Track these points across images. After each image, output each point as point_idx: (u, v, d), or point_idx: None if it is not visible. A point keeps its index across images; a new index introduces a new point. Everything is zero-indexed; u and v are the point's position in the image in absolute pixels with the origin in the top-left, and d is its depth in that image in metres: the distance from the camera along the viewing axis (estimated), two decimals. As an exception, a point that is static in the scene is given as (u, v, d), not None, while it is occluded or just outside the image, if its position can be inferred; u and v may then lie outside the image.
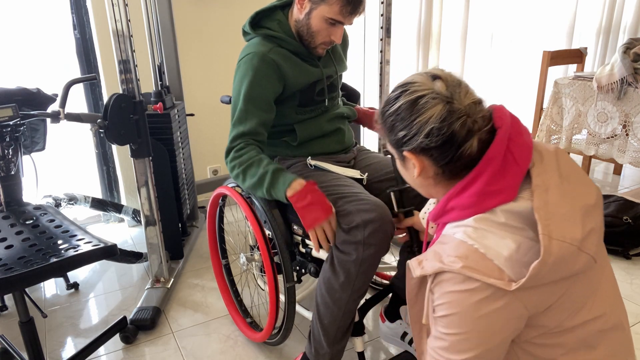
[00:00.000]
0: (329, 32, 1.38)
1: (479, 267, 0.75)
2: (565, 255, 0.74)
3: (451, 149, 0.81)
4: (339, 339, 1.33)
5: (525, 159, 0.81)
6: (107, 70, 2.47)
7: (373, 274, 1.28)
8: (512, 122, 0.83)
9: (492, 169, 0.80)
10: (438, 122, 0.79)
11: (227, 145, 1.40)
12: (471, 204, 0.81)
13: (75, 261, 1.29)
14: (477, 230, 0.78)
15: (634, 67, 2.31)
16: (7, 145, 1.60)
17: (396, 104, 0.84)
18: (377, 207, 1.22)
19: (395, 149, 0.89)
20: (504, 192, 0.79)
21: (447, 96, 0.80)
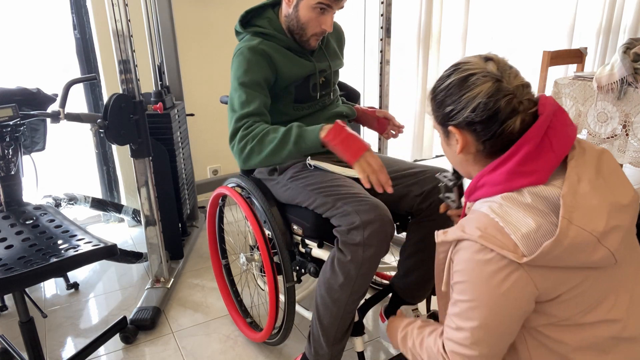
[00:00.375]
0: (319, 21, 1.39)
1: (495, 239, 0.79)
2: (582, 242, 0.76)
3: (494, 125, 0.85)
4: (338, 339, 1.33)
5: (562, 147, 0.83)
6: (107, 70, 2.47)
7: (373, 275, 1.28)
8: (555, 111, 0.86)
9: (526, 150, 0.83)
10: (485, 98, 0.84)
11: (231, 128, 1.34)
12: (501, 181, 0.84)
13: (75, 261, 1.29)
14: (502, 206, 0.82)
15: (634, 67, 2.31)
16: (7, 145, 1.60)
17: (448, 81, 0.89)
18: (376, 208, 1.22)
19: (441, 125, 0.93)
20: (535, 174, 0.82)
21: (497, 75, 0.85)
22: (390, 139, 1.76)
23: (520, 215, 0.79)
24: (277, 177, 1.51)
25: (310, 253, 1.42)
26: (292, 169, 1.49)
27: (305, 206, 1.39)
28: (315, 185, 1.38)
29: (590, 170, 0.82)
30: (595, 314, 0.81)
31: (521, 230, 0.78)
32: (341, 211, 1.26)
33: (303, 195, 1.39)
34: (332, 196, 1.31)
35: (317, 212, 1.35)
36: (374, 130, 1.77)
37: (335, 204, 1.28)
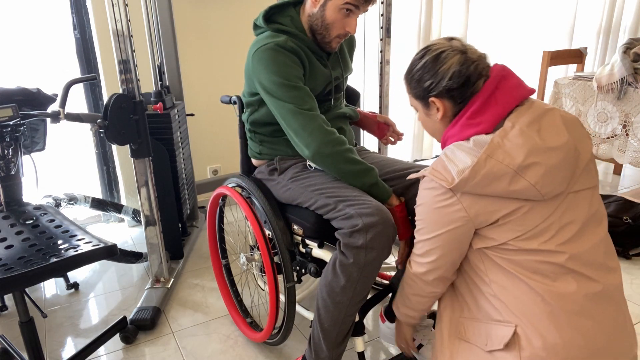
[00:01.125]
0: (343, 23, 1.38)
1: (439, 173, 1.00)
2: (498, 172, 0.94)
3: (468, 88, 1.04)
4: (339, 342, 1.33)
5: (507, 102, 1.01)
6: (107, 70, 2.47)
7: (375, 278, 1.27)
8: (506, 77, 1.04)
9: (474, 107, 1.03)
10: (458, 67, 1.03)
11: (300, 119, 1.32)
12: (456, 133, 1.05)
13: (75, 261, 1.29)
14: (452, 150, 1.02)
15: (634, 67, 2.31)
16: (7, 145, 1.60)
17: (422, 61, 1.07)
18: (378, 211, 1.22)
19: (421, 99, 1.11)
20: (481, 124, 1.01)
21: (462, 49, 1.05)
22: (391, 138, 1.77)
23: (462, 155, 0.98)
24: (278, 177, 1.50)
25: (310, 253, 1.42)
26: (293, 169, 1.48)
27: (306, 207, 1.39)
28: (316, 186, 1.37)
29: (525, 119, 0.98)
30: (532, 242, 0.97)
31: (459, 166, 0.97)
32: (343, 214, 1.26)
33: (304, 196, 1.39)
34: (333, 198, 1.31)
35: (317, 213, 1.35)
36: (373, 135, 1.78)
37: (337, 206, 1.28)
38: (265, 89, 1.36)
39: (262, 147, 1.55)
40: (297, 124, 1.33)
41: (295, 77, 1.35)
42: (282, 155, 1.52)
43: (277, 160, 1.52)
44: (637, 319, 1.80)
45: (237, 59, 2.83)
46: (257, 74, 1.37)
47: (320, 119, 1.33)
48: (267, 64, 1.34)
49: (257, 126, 1.53)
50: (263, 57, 1.35)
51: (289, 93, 1.33)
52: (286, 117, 1.34)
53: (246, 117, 1.55)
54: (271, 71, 1.33)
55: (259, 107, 1.48)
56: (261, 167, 1.58)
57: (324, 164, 1.34)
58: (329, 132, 1.33)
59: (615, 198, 2.40)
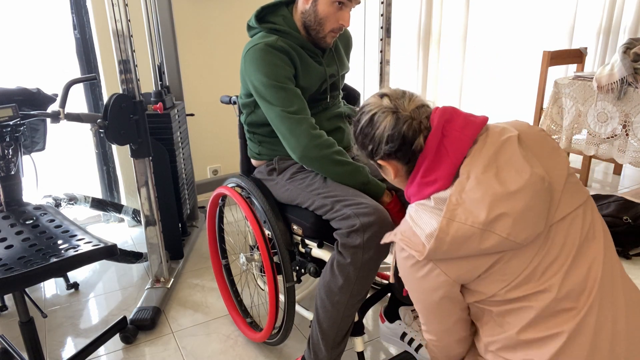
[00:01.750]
0: (336, 17, 1.40)
1: (409, 240, 0.94)
2: (465, 235, 0.87)
3: (407, 148, 0.98)
4: (337, 343, 1.33)
5: (458, 152, 0.94)
6: (107, 70, 2.47)
7: (373, 278, 1.27)
8: (448, 120, 0.96)
9: (425, 165, 0.96)
10: (390, 130, 0.98)
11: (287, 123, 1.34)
12: (415, 192, 0.99)
13: (75, 261, 1.29)
14: (416, 212, 0.96)
15: (634, 67, 2.31)
16: (7, 145, 1.60)
17: (359, 125, 1.04)
18: (376, 211, 1.22)
19: (372, 160, 1.07)
20: (438, 181, 0.94)
21: (392, 108, 0.99)
22: None
23: (427, 217, 0.92)
24: (276, 178, 1.51)
25: (310, 253, 1.42)
26: (291, 170, 1.49)
27: (305, 207, 1.39)
28: (314, 186, 1.38)
29: (480, 164, 0.90)
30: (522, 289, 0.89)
31: (426, 231, 0.91)
32: (340, 214, 1.26)
33: (302, 196, 1.39)
34: (330, 198, 1.31)
35: (316, 213, 1.35)
36: None
37: (334, 206, 1.28)
38: (256, 90, 1.38)
39: (261, 147, 1.56)
40: (284, 128, 1.34)
41: (284, 78, 1.36)
42: (281, 156, 1.52)
43: (276, 160, 1.52)
44: (637, 319, 1.80)
45: (237, 59, 2.83)
46: (248, 74, 1.39)
47: (306, 122, 1.34)
48: (257, 64, 1.36)
49: (255, 127, 1.54)
50: (253, 57, 1.37)
51: (276, 94, 1.34)
52: (274, 120, 1.37)
53: (244, 118, 1.56)
54: (260, 71, 1.35)
55: (254, 109, 1.49)
56: (260, 167, 1.58)
57: (312, 166, 1.37)
58: (315, 135, 1.33)
59: (615, 198, 2.40)
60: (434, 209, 0.92)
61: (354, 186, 1.35)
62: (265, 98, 1.36)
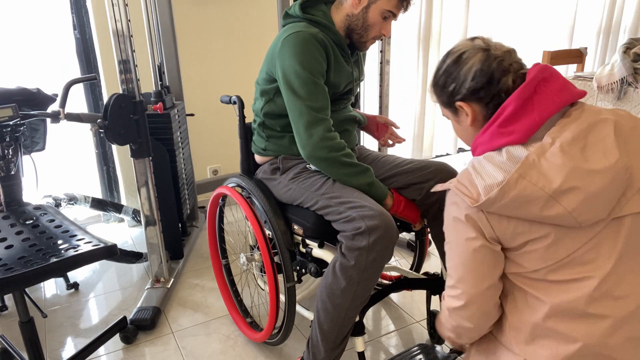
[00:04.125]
0: (381, 26, 1.43)
1: (464, 187, 0.91)
2: (530, 195, 0.83)
3: (493, 86, 0.94)
4: (337, 344, 1.33)
5: (545, 111, 0.89)
6: (107, 70, 2.47)
7: (375, 282, 1.27)
8: (548, 79, 0.91)
9: (506, 113, 0.91)
10: (479, 65, 0.94)
11: (306, 117, 1.34)
12: (485, 141, 0.94)
13: (75, 261, 1.29)
14: (480, 162, 0.92)
15: (634, 67, 2.31)
16: (7, 145, 1.59)
17: (444, 65, 1.00)
18: (380, 214, 1.23)
19: (449, 106, 1.02)
20: (514, 134, 0.89)
21: (485, 47, 0.96)
22: (389, 140, 1.76)
23: (492, 169, 0.89)
24: (279, 177, 1.50)
25: (310, 253, 1.42)
26: (295, 169, 1.49)
27: (307, 207, 1.39)
28: (317, 187, 1.38)
29: (569, 134, 0.86)
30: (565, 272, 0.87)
31: (486, 181, 0.88)
32: (345, 216, 1.26)
33: (305, 196, 1.39)
34: (334, 199, 1.31)
35: (319, 214, 1.35)
36: (372, 136, 1.78)
37: (339, 208, 1.28)
38: (286, 77, 1.36)
39: (267, 142, 1.55)
40: (302, 123, 1.34)
41: (318, 73, 1.36)
42: (285, 155, 1.52)
43: (280, 159, 1.52)
44: (637, 319, 1.80)
45: (237, 59, 2.83)
46: (282, 58, 1.37)
47: (324, 123, 1.34)
48: (294, 51, 1.34)
49: (270, 118, 1.51)
50: (294, 43, 1.35)
51: (306, 87, 1.34)
52: (294, 112, 1.36)
53: (259, 107, 1.53)
54: (297, 60, 1.34)
55: (274, 97, 1.47)
56: (264, 166, 1.58)
57: (318, 166, 1.38)
58: (328, 137, 1.34)
59: (615, 198, 2.40)
60: (503, 163, 0.88)
61: (358, 187, 1.36)
62: (292, 87, 1.35)
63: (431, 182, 1.45)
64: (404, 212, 1.43)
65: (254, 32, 2.84)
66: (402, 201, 1.43)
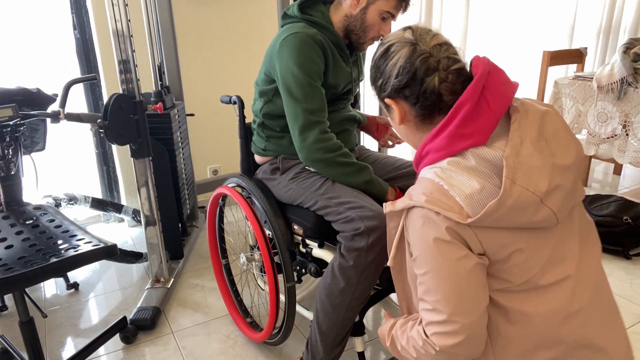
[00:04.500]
0: (380, 27, 1.43)
1: (441, 202, 0.79)
2: (525, 202, 0.77)
3: (416, 85, 0.87)
4: (336, 344, 1.33)
5: (500, 107, 0.84)
6: (107, 70, 2.47)
7: (374, 282, 1.27)
8: (490, 71, 0.86)
9: (464, 113, 0.83)
10: (403, 61, 0.88)
11: (302, 119, 1.34)
12: (443, 145, 0.85)
13: (75, 261, 1.29)
14: (445, 170, 0.82)
15: (634, 67, 2.31)
16: (7, 145, 1.59)
17: (374, 57, 0.95)
18: (379, 215, 1.23)
19: (380, 101, 0.97)
20: (475, 135, 0.83)
21: (413, 40, 0.88)
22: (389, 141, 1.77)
23: (465, 177, 0.80)
24: (279, 177, 1.50)
25: (310, 253, 1.42)
26: (294, 170, 1.49)
27: (307, 207, 1.39)
28: (317, 187, 1.38)
29: (532, 131, 0.82)
30: (550, 276, 0.82)
31: (465, 191, 0.79)
32: (344, 217, 1.26)
33: (305, 196, 1.39)
34: (334, 200, 1.31)
35: (319, 214, 1.35)
36: (371, 136, 1.78)
37: (338, 208, 1.28)
38: (283, 78, 1.36)
39: (267, 143, 1.55)
40: (297, 125, 1.34)
41: (314, 74, 1.36)
42: (285, 155, 1.52)
43: (280, 159, 1.52)
44: (637, 318, 1.80)
45: (237, 59, 2.83)
46: (280, 59, 1.37)
47: (319, 126, 1.34)
48: (292, 52, 1.34)
49: (269, 118, 1.51)
50: (291, 44, 1.35)
51: (302, 89, 1.34)
52: (290, 114, 1.36)
53: (258, 108, 1.53)
54: (295, 61, 1.34)
55: (273, 97, 1.47)
56: (264, 166, 1.58)
57: (315, 167, 1.38)
58: (323, 139, 1.34)
59: (615, 198, 2.40)
60: (474, 169, 0.80)
61: (356, 185, 1.35)
62: (289, 89, 1.35)
63: None
64: None
65: (254, 32, 2.84)
66: None
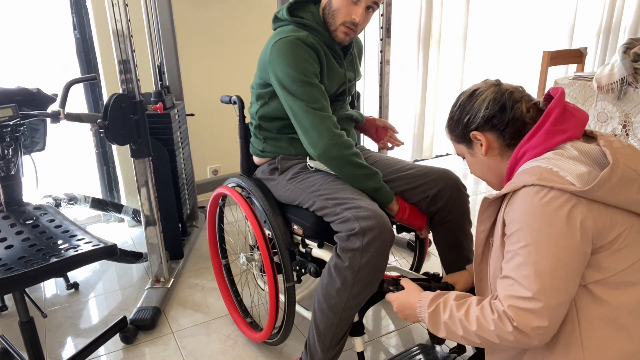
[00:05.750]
0: (349, 10, 1.38)
1: (553, 179, 0.85)
2: (629, 177, 0.86)
3: (506, 112, 0.99)
4: (334, 345, 1.33)
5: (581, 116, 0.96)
6: (107, 70, 2.47)
7: (374, 282, 1.26)
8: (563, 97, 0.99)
9: (556, 113, 0.95)
10: (492, 95, 1.01)
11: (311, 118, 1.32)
12: (541, 141, 0.94)
13: (75, 261, 1.29)
14: (551, 159, 0.90)
15: (634, 67, 2.31)
16: (7, 145, 1.59)
17: (458, 102, 1.07)
18: (375, 215, 1.22)
19: (463, 139, 1.07)
20: (569, 130, 0.94)
21: (496, 83, 1.04)
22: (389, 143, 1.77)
23: (571, 163, 0.88)
24: (278, 177, 1.51)
25: (310, 253, 1.42)
26: (293, 170, 1.49)
27: (306, 207, 1.39)
28: (315, 187, 1.38)
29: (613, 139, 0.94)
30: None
31: (575, 172, 0.85)
32: (341, 217, 1.26)
33: (303, 197, 1.39)
34: (331, 200, 1.31)
35: (317, 214, 1.35)
36: (371, 139, 1.79)
37: (335, 209, 1.28)
38: (280, 82, 1.36)
39: (265, 144, 1.55)
40: (308, 122, 1.33)
41: (312, 74, 1.35)
42: (283, 155, 1.52)
43: (278, 159, 1.52)
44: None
45: (237, 59, 2.83)
46: (273, 65, 1.37)
47: (330, 120, 1.34)
48: (285, 57, 1.34)
49: (265, 121, 1.51)
50: (283, 48, 1.35)
51: (303, 89, 1.33)
52: (297, 113, 1.35)
53: (254, 110, 1.54)
54: (288, 64, 1.33)
55: (269, 100, 1.47)
56: (262, 167, 1.58)
57: (329, 165, 1.36)
58: (338, 134, 1.33)
59: (615, 198, 2.39)
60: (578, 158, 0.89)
61: (364, 190, 1.35)
62: (290, 91, 1.34)
63: (434, 189, 1.44)
64: (410, 219, 1.43)
65: (254, 32, 2.84)
66: (407, 208, 1.42)
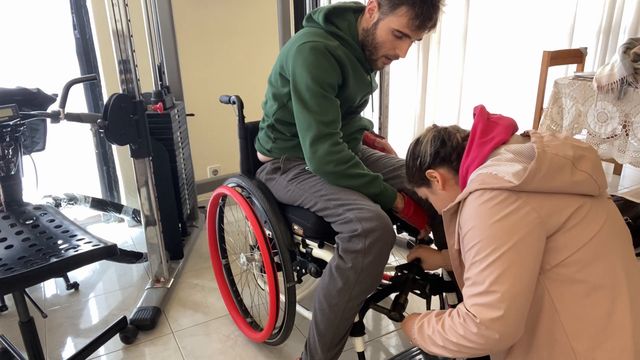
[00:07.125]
0: (394, 44, 1.35)
1: (492, 182, 0.93)
2: (559, 163, 0.92)
3: (447, 144, 1.11)
4: (334, 345, 1.33)
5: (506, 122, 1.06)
6: (107, 70, 2.47)
7: (374, 283, 1.27)
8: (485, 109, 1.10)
9: (480, 128, 1.05)
10: (432, 135, 1.14)
11: (314, 130, 1.31)
12: (476, 154, 1.03)
13: (75, 261, 1.29)
14: (490, 166, 0.97)
15: (634, 67, 2.31)
16: (7, 145, 1.59)
17: (408, 153, 1.19)
18: (378, 216, 1.22)
19: (422, 182, 1.17)
20: (498, 136, 1.03)
21: (433, 127, 1.16)
22: (390, 140, 1.77)
23: (508, 165, 0.95)
24: (279, 177, 1.50)
25: (311, 253, 1.42)
26: (294, 170, 1.48)
27: (307, 208, 1.39)
28: (317, 188, 1.38)
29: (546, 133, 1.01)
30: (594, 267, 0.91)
31: (511, 171, 0.92)
32: (342, 218, 1.26)
33: (304, 197, 1.39)
34: (333, 201, 1.31)
35: (318, 215, 1.35)
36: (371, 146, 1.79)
37: (337, 210, 1.28)
38: (296, 86, 1.33)
39: (274, 145, 1.53)
40: (309, 136, 1.33)
41: (328, 86, 1.32)
42: (288, 155, 1.52)
43: (283, 159, 1.51)
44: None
45: (237, 59, 2.83)
46: (294, 66, 1.33)
47: (331, 138, 1.32)
48: (307, 62, 1.30)
49: (281, 124, 1.48)
50: (307, 53, 1.30)
51: (316, 100, 1.31)
52: (303, 124, 1.34)
53: (271, 111, 1.49)
54: (309, 71, 1.30)
55: (287, 103, 1.43)
56: (266, 165, 1.57)
57: (326, 179, 1.37)
58: (334, 152, 1.32)
59: (615, 198, 2.40)
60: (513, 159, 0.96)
61: (366, 196, 1.35)
62: (303, 100, 1.32)
63: None
64: (414, 217, 1.42)
65: (254, 32, 2.84)
66: (412, 205, 1.42)
